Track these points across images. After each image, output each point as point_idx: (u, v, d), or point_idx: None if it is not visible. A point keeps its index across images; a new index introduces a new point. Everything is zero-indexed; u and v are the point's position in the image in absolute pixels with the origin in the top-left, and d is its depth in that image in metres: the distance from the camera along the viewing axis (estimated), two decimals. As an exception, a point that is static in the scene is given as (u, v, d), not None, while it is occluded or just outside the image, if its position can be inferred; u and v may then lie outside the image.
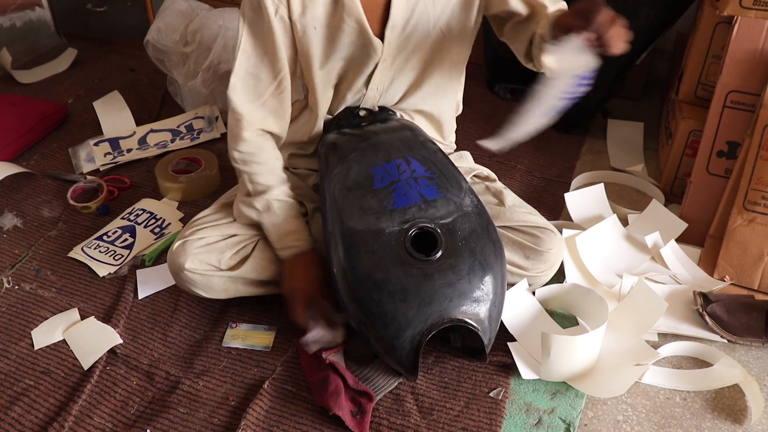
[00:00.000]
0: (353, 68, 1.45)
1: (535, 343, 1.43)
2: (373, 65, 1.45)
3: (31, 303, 1.62)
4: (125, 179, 2.05)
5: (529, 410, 1.35)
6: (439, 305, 1.27)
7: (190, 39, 2.20)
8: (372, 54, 1.42)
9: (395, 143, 1.44)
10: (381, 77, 1.48)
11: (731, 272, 1.64)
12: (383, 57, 1.43)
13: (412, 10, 1.39)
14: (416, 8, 1.40)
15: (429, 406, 1.35)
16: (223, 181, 2.02)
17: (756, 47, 1.61)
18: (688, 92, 1.92)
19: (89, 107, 2.39)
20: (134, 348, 1.50)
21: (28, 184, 2.05)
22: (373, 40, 1.39)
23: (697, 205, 1.77)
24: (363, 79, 1.48)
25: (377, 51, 1.41)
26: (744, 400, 1.38)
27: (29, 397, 1.39)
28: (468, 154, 1.74)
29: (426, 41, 1.45)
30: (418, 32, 1.43)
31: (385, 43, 1.41)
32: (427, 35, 1.45)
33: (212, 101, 2.28)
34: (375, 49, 1.41)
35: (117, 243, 1.77)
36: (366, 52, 1.41)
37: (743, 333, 1.49)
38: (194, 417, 1.34)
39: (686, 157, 1.89)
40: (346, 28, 1.37)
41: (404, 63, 1.48)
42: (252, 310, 1.57)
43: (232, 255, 1.47)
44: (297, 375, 1.41)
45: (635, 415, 1.35)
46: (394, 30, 1.40)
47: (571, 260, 1.64)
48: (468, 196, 1.40)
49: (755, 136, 1.60)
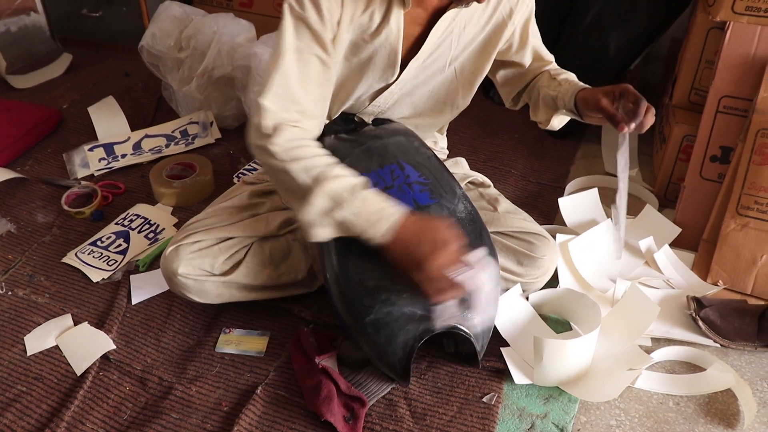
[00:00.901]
0: (365, 85, 1.44)
1: (528, 349, 1.43)
2: (385, 85, 1.45)
3: (24, 308, 1.61)
4: (119, 184, 2.04)
5: (522, 415, 1.35)
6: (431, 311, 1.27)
7: (184, 44, 2.21)
8: (389, 77, 1.42)
9: (389, 148, 1.45)
10: (386, 98, 1.48)
11: (724, 277, 1.64)
12: (397, 81, 1.43)
13: (438, 46, 1.40)
14: (442, 44, 1.40)
15: (422, 411, 1.35)
16: (218, 186, 2.01)
17: (748, 52, 1.62)
18: (681, 97, 1.93)
19: (84, 112, 2.39)
20: (127, 353, 1.49)
21: (22, 190, 2.04)
22: (396, 65, 1.39)
23: (691, 209, 1.77)
24: (369, 95, 1.48)
25: (395, 75, 1.41)
26: (737, 405, 1.38)
27: (21, 403, 1.39)
28: (463, 161, 1.75)
29: (438, 75, 1.47)
30: (435, 65, 1.44)
31: (405, 70, 1.41)
32: (441, 70, 1.46)
33: (207, 107, 2.28)
34: (393, 73, 1.41)
35: (111, 248, 1.77)
36: (384, 73, 1.41)
37: (736, 337, 1.50)
38: (187, 422, 1.34)
39: (680, 161, 1.89)
40: (378, 46, 1.35)
41: (412, 90, 1.49)
42: (245, 315, 1.56)
43: (225, 260, 1.47)
44: (290, 380, 1.41)
45: (628, 420, 1.35)
46: (417, 61, 1.40)
47: (564, 265, 1.64)
48: (462, 202, 1.40)
49: (748, 141, 1.60)
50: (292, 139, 1.28)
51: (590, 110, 1.39)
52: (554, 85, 1.49)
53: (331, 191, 1.24)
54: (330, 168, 1.26)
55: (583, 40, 2.13)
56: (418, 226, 1.24)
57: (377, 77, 1.41)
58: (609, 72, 2.15)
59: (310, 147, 1.29)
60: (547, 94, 1.50)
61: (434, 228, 1.23)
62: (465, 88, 1.52)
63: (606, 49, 2.12)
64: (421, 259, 1.21)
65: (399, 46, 1.35)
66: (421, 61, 1.41)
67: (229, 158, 2.18)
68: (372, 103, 1.49)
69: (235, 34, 2.21)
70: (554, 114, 1.52)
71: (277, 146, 1.27)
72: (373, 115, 1.54)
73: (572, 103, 1.43)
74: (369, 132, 1.50)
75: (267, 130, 1.27)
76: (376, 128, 1.52)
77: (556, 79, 1.50)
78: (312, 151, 1.29)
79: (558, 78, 1.51)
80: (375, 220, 1.24)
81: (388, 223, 1.24)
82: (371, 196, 1.26)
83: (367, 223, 1.24)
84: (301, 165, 1.26)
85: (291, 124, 1.28)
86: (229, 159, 2.18)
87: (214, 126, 2.27)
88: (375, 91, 1.46)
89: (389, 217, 1.24)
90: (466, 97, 1.56)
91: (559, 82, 1.49)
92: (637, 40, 2.11)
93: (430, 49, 1.39)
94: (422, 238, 1.22)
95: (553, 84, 1.50)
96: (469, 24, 1.40)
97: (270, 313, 1.56)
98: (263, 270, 1.49)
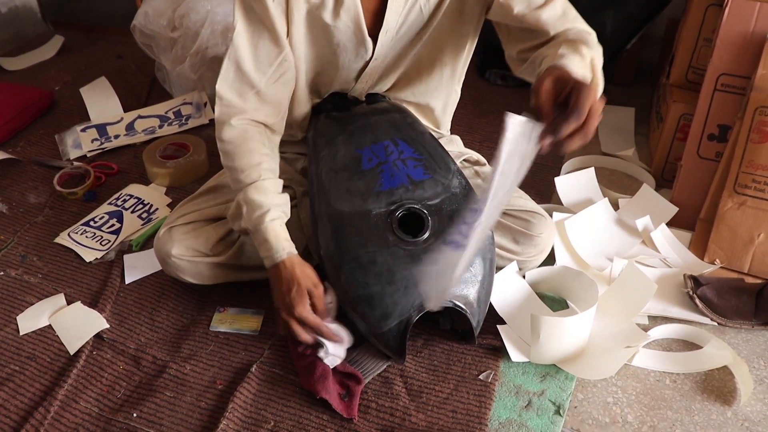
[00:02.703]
0: (344, 66, 1.42)
1: (524, 326, 1.42)
2: (364, 63, 1.43)
3: (17, 288, 1.60)
4: (112, 165, 2.03)
5: (518, 393, 1.34)
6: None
7: (177, 24, 2.18)
8: (363, 54, 1.40)
9: (383, 125, 1.43)
10: (371, 73, 1.46)
11: (722, 256, 1.64)
12: (375, 56, 1.41)
13: (405, 16, 1.37)
14: (410, 14, 1.37)
15: (418, 388, 1.34)
16: (211, 166, 2.00)
17: (747, 29, 1.60)
18: (678, 76, 1.91)
19: (76, 94, 2.37)
20: (121, 333, 1.48)
21: (13, 171, 2.02)
22: (366, 41, 1.37)
23: (688, 189, 1.76)
24: (353, 75, 1.46)
25: (369, 51, 1.39)
26: (733, 382, 1.38)
27: (14, 382, 1.38)
28: (458, 138, 1.74)
29: (417, 43, 1.44)
30: (409, 35, 1.41)
31: (378, 45, 1.39)
32: (419, 38, 1.42)
33: (200, 87, 2.27)
34: (367, 50, 1.39)
35: (104, 228, 1.76)
36: (357, 51, 1.39)
37: (733, 316, 1.49)
38: (181, 401, 1.33)
39: (677, 141, 1.88)
40: (341, 26, 1.34)
41: (395, 60, 1.47)
42: (240, 294, 1.55)
43: (219, 240, 1.46)
44: (285, 358, 1.40)
45: (625, 397, 1.34)
46: (387, 33, 1.37)
47: (561, 243, 1.63)
48: (456, 177, 1.39)
49: (746, 119, 1.59)
50: (231, 139, 1.34)
51: (534, 87, 1.10)
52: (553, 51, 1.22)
53: (237, 200, 1.35)
54: (245, 185, 1.33)
55: (579, 19, 2.12)
56: (283, 284, 1.31)
57: (352, 56, 1.40)
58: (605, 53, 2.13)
59: (241, 155, 1.34)
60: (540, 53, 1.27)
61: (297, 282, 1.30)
62: (453, 48, 1.47)
63: (602, 30, 2.10)
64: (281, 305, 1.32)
65: (361, 21, 1.33)
66: (393, 34, 1.38)
67: (223, 139, 2.16)
68: (358, 80, 1.47)
69: (229, 14, 2.18)
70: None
71: (219, 142, 1.36)
72: (364, 92, 1.52)
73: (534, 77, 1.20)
74: (362, 110, 1.49)
75: (217, 122, 1.36)
76: (369, 106, 1.50)
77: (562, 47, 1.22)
78: (240, 162, 1.34)
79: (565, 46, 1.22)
80: (258, 246, 1.34)
81: (266, 259, 1.33)
82: (265, 229, 1.31)
83: (257, 246, 1.34)
84: (229, 165, 1.36)
85: (245, 116, 1.34)
86: (223, 140, 2.16)
87: (208, 107, 2.25)
88: (357, 69, 1.44)
89: (269, 258, 1.32)
90: (459, 55, 1.49)
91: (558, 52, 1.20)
92: (633, 19, 2.10)
93: (396, 19, 1.35)
94: (281, 295, 1.32)
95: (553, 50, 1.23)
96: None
97: (264, 291, 1.54)
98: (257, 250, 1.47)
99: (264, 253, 1.33)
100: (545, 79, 1.06)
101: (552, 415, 1.30)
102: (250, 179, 1.32)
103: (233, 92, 1.34)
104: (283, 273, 1.31)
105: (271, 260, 1.32)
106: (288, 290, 1.30)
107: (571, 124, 1.01)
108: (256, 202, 1.31)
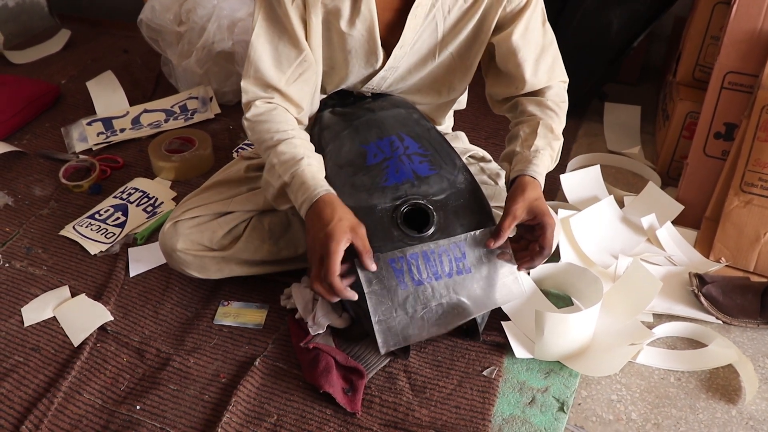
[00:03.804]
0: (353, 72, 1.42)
1: (529, 323, 1.42)
2: (373, 71, 1.42)
3: (22, 280, 1.60)
4: (118, 158, 2.03)
5: (522, 389, 1.34)
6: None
7: (184, 18, 2.19)
8: (374, 63, 1.39)
9: (389, 120, 1.43)
10: (378, 81, 1.46)
11: (727, 254, 1.63)
12: (385, 67, 1.41)
13: (422, 32, 1.36)
14: (426, 30, 1.36)
15: (422, 384, 1.34)
16: (217, 161, 2.00)
17: (755, 27, 1.60)
18: (685, 74, 1.91)
19: (82, 88, 2.37)
20: (125, 325, 1.48)
21: (19, 163, 2.03)
22: (378, 51, 1.36)
23: (694, 187, 1.75)
24: (360, 79, 1.45)
25: (379, 61, 1.39)
26: (738, 381, 1.37)
27: (19, 373, 1.38)
28: (463, 135, 1.74)
29: (429, 61, 1.43)
30: (421, 51, 1.41)
31: (391, 57, 1.38)
32: (433, 55, 1.42)
33: (206, 82, 2.27)
34: (378, 59, 1.38)
35: (109, 221, 1.76)
36: (368, 59, 1.39)
37: (738, 314, 1.49)
38: (185, 393, 1.33)
39: (683, 139, 1.88)
40: (355, 35, 1.33)
41: (405, 75, 1.46)
42: (244, 288, 1.55)
43: (224, 234, 1.46)
44: (288, 352, 1.40)
45: (629, 395, 1.34)
46: (402, 48, 1.37)
47: (566, 241, 1.63)
48: (462, 173, 1.38)
49: (753, 118, 1.58)
50: (257, 114, 1.32)
51: (506, 203, 1.30)
52: (525, 154, 1.35)
53: (269, 163, 1.30)
54: (276, 143, 1.29)
55: (584, 17, 2.10)
56: (319, 221, 1.21)
57: (362, 64, 1.39)
58: (611, 50, 2.13)
59: (269, 122, 1.31)
60: (513, 150, 1.38)
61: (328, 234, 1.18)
62: (462, 72, 1.48)
63: (608, 27, 2.09)
64: (311, 252, 1.24)
65: (375, 32, 1.32)
66: (407, 49, 1.37)
67: (228, 133, 2.16)
68: (365, 86, 1.47)
69: (236, 9, 2.19)
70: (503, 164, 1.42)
71: (246, 121, 1.33)
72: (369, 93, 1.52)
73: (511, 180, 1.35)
74: (367, 105, 1.49)
75: (244, 106, 1.33)
76: (375, 101, 1.50)
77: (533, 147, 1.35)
78: (269, 126, 1.31)
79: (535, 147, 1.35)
80: (296, 193, 1.26)
81: (305, 202, 1.25)
82: (302, 172, 1.25)
83: (294, 196, 1.27)
84: (256, 138, 1.32)
85: (264, 100, 1.33)
86: (229, 134, 2.16)
87: (214, 101, 2.25)
88: (365, 76, 1.44)
89: (309, 199, 1.24)
90: (463, 81, 1.51)
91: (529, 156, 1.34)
92: (639, 17, 2.08)
93: (412, 35, 1.35)
94: (317, 236, 1.21)
95: (525, 153, 1.35)
96: (454, 8, 1.35)
97: (269, 286, 1.55)
98: (263, 245, 1.48)
99: (301, 196, 1.24)
100: (515, 208, 1.27)
101: (556, 412, 1.30)
102: (281, 137, 1.29)
103: (257, 88, 1.32)
104: (324, 211, 1.21)
105: (309, 200, 1.23)
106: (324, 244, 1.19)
107: (542, 259, 1.29)
108: (289, 153, 1.28)
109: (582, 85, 2.20)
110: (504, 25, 1.37)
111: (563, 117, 1.43)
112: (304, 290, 1.46)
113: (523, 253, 1.31)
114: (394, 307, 1.25)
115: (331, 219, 1.19)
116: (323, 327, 1.38)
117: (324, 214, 1.21)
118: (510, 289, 1.32)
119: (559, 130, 1.41)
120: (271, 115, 1.32)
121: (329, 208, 1.21)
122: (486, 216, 1.35)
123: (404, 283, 1.26)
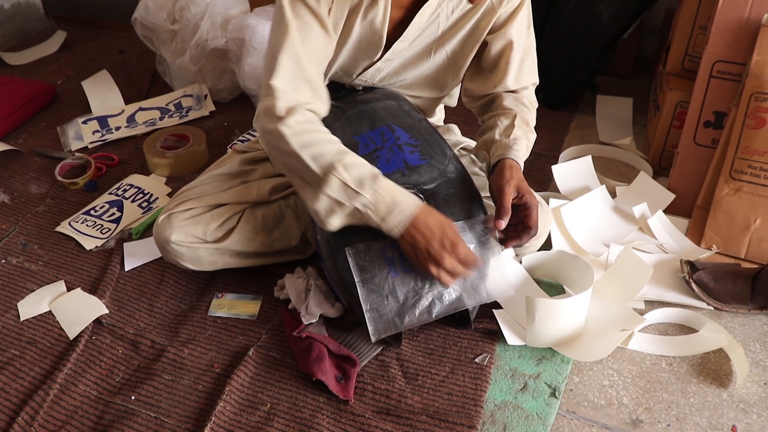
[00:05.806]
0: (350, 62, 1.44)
1: (521, 311, 1.42)
2: (369, 63, 1.44)
3: (18, 276, 1.61)
4: (113, 156, 2.04)
5: (514, 376, 1.35)
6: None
7: (177, 16, 2.20)
8: (372, 56, 1.41)
9: (380, 112, 1.44)
10: (372, 74, 1.47)
11: (718, 241, 1.64)
12: (381, 60, 1.42)
13: (424, 30, 1.39)
14: (428, 28, 1.39)
15: (414, 371, 1.35)
16: (211, 157, 2.01)
17: (742, 16, 1.61)
18: (675, 64, 1.92)
19: (78, 88, 2.39)
20: (120, 318, 1.49)
21: (15, 162, 2.04)
22: (381, 45, 1.38)
23: (685, 176, 1.76)
24: (355, 71, 1.47)
25: (378, 53, 1.41)
26: (729, 365, 1.38)
27: (15, 366, 1.39)
28: (456, 127, 1.75)
29: (425, 57, 1.46)
30: (419, 48, 1.44)
31: (390, 50, 1.40)
32: (428, 52, 1.45)
33: (201, 79, 2.28)
34: (377, 53, 1.40)
35: (104, 217, 1.77)
36: (367, 51, 1.40)
37: (729, 300, 1.50)
38: (179, 383, 1.34)
39: (674, 128, 1.89)
40: (365, 27, 1.35)
41: (399, 69, 1.48)
42: (238, 280, 1.56)
43: (217, 227, 1.47)
44: (282, 342, 1.41)
45: (621, 380, 1.35)
46: (402, 43, 1.39)
47: (557, 230, 1.64)
48: (452, 162, 1.39)
49: (741, 105, 1.59)
50: (303, 122, 1.24)
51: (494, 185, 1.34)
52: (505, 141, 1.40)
53: (340, 183, 1.21)
54: (341, 156, 1.22)
55: (575, 9, 2.12)
56: (429, 224, 1.22)
57: (362, 54, 1.41)
58: (601, 42, 2.14)
59: (320, 132, 1.26)
60: (492, 138, 1.42)
61: (443, 228, 1.23)
62: (455, 71, 1.51)
63: (598, 19, 2.11)
64: (428, 258, 1.22)
65: (384, 28, 1.35)
66: (406, 44, 1.40)
67: (223, 130, 2.18)
68: (358, 77, 1.48)
69: (229, 6, 2.20)
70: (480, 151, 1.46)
71: (288, 129, 1.22)
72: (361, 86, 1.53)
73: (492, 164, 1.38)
74: (359, 97, 1.50)
75: (280, 113, 1.22)
76: (366, 93, 1.51)
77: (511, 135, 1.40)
78: (323, 137, 1.25)
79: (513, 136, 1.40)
80: (385, 213, 1.22)
81: (400, 217, 1.22)
82: (384, 188, 1.22)
83: (377, 215, 1.23)
84: (311, 152, 1.22)
85: (305, 106, 1.26)
86: (224, 131, 2.17)
87: (208, 99, 2.27)
88: (361, 67, 1.45)
89: (402, 213, 1.22)
90: (455, 79, 1.54)
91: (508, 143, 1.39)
92: (629, 8, 2.10)
93: (414, 32, 1.38)
94: (431, 238, 1.22)
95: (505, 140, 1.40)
96: (457, 9, 1.38)
97: (263, 277, 1.56)
98: (256, 236, 1.49)
99: (394, 218, 1.22)
100: (508, 186, 1.30)
101: (548, 398, 1.30)
102: (340, 147, 1.25)
103: (290, 86, 1.25)
104: (430, 219, 1.23)
105: (405, 216, 1.22)
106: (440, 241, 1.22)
107: (530, 238, 1.32)
108: (362, 163, 1.24)
109: (573, 76, 2.21)
110: (498, 24, 1.42)
111: (535, 115, 1.51)
112: (297, 280, 1.47)
113: (511, 233, 1.33)
114: (384, 296, 1.27)
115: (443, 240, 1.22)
116: (316, 316, 1.40)
117: (432, 225, 1.23)
118: (497, 283, 1.35)
119: (533, 125, 1.49)
120: (315, 124, 1.27)
121: (433, 218, 1.24)
122: (477, 205, 1.36)
123: (395, 272, 1.27)
